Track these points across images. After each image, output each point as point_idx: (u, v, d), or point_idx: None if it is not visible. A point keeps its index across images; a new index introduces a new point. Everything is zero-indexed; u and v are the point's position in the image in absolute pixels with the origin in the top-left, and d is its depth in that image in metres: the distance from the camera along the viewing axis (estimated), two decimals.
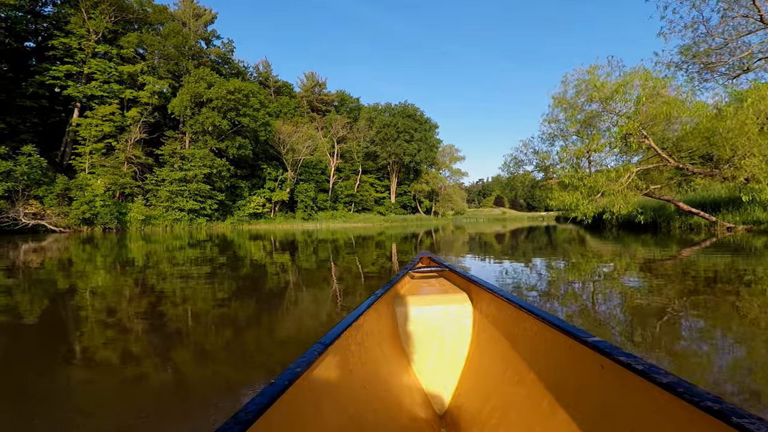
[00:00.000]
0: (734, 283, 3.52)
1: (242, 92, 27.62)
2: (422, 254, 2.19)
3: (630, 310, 2.66)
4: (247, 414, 0.52)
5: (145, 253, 8.16)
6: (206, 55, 32.81)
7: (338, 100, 50.79)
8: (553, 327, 0.86)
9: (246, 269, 5.29)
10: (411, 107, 44.76)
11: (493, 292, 1.22)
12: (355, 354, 0.98)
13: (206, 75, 26.99)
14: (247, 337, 2.24)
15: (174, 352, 2.03)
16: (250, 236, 15.19)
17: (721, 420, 0.47)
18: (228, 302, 3.17)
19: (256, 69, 43.19)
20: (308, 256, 6.96)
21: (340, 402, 0.82)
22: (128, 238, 14.20)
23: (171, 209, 25.90)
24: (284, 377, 0.64)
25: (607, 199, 10.45)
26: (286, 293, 3.51)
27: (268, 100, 33.11)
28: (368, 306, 1.14)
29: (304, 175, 36.16)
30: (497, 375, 1.11)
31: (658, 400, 0.57)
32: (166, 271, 5.09)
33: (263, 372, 1.74)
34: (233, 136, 28.68)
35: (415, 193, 48.21)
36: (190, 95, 26.35)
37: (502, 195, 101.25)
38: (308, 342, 2.11)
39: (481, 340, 1.31)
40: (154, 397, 1.52)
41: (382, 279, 4.18)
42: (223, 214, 29.51)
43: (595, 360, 0.71)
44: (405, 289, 1.66)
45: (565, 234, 13.49)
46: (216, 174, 27.18)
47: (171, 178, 25.93)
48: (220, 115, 27.10)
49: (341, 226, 29.65)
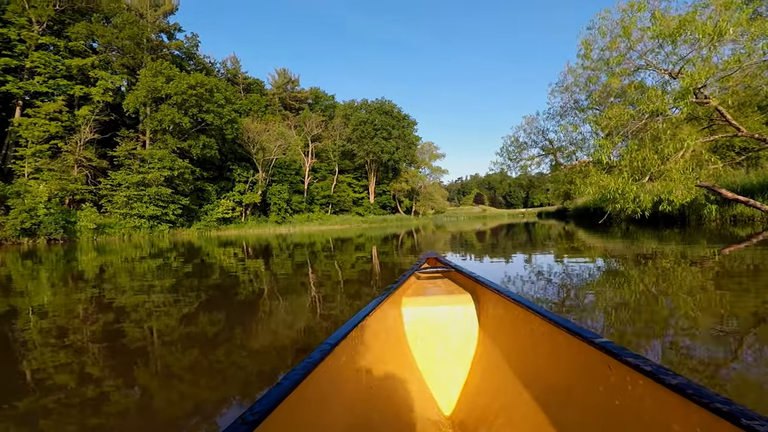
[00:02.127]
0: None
1: (205, 87, 26.69)
2: (428, 255, 2.24)
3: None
4: (254, 414, 0.54)
5: (98, 265, 7.73)
6: (167, 48, 31.62)
7: (312, 98, 50.28)
8: (560, 328, 0.88)
9: (215, 279, 5.11)
10: (388, 104, 44.93)
11: (500, 293, 1.25)
12: (361, 354, 1.00)
13: (164, 68, 25.95)
14: (217, 353, 2.14)
15: (134, 374, 1.91)
16: (219, 243, 14.73)
17: (731, 422, 0.47)
18: (195, 316, 3.03)
19: (223, 65, 42.09)
20: (283, 261, 6.81)
21: (346, 402, 0.84)
22: (78, 250, 13.42)
23: (129, 216, 24.73)
24: (291, 377, 0.65)
25: (659, 184, 8.26)
26: (260, 303, 3.40)
27: (235, 97, 32.33)
28: (374, 306, 1.15)
29: (276, 177, 35.50)
30: (504, 375, 1.14)
31: (667, 401, 0.57)
32: (124, 284, 4.83)
33: (235, 388, 1.66)
34: (196, 135, 27.73)
35: (394, 193, 48.39)
36: (146, 90, 25.25)
37: (482, 193, 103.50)
38: (284, 353, 2.04)
39: (487, 341, 1.35)
40: (112, 425, 1.41)
41: (363, 284, 4.13)
42: (188, 220, 28.49)
43: (603, 361, 0.72)
44: (411, 289, 1.69)
45: (555, 231, 13.60)
46: (178, 176, 26.19)
47: (128, 182, 24.75)
48: (181, 112, 26.11)
49: (317, 228, 29.32)
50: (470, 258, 6.30)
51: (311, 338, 2.31)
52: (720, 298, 2.74)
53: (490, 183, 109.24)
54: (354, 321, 1.00)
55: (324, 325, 2.56)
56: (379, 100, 45.38)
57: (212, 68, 38.40)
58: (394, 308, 1.42)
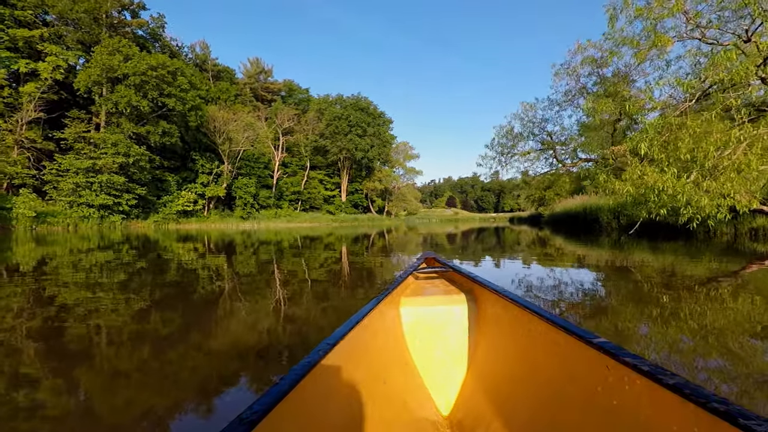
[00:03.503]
0: None
1: (167, 69, 25.43)
2: (426, 254, 2.27)
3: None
4: (252, 414, 0.54)
5: (37, 257, 7.17)
6: (129, 27, 29.85)
7: (286, 90, 49.29)
8: (558, 327, 0.89)
9: (172, 275, 4.87)
10: (364, 100, 44.86)
11: (498, 293, 1.27)
12: (359, 354, 1.02)
13: (123, 46, 24.48)
14: (171, 354, 2.04)
15: (75, 376, 1.78)
16: (178, 237, 14.08)
17: (728, 422, 0.48)
18: (147, 315, 2.88)
19: (191, 50, 40.34)
20: (247, 259, 6.61)
21: (344, 402, 0.86)
22: (13, 240, 12.38)
23: (76, 205, 23.12)
24: (289, 377, 0.66)
25: (718, 183, 6.61)
26: (220, 303, 3.28)
27: (202, 83, 31.01)
28: (373, 306, 1.17)
29: (244, 169, 34.47)
30: (502, 375, 1.16)
31: (664, 401, 0.59)
32: (67, 279, 4.50)
33: (190, 391, 1.59)
34: (156, 121, 26.38)
35: (367, 192, 48.35)
36: (101, 69, 23.70)
37: (454, 196, 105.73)
38: (245, 355, 1.98)
39: (486, 341, 1.37)
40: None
41: (332, 285, 4.10)
42: (144, 211, 27.06)
43: (601, 361, 0.74)
44: (409, 289, 1.70)
45: (528, 238, 13.65)
46: (134, 164, 24.80)
47: (76, 168, 23.14)
48: (140, 94, 24.75)
49: (285, 226, 28.75)
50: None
51: (273, 339, 2.26)
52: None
53: (463, 187, 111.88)
54: (352, 321, 1.01)
55: (288, 328, 2.51)
56: (355, 96, 45.25)
57: (179, 52, 36.75)
58: (393, 308, 1.44)
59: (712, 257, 5.79)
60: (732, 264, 5.00)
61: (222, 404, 1.49)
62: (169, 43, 35.27)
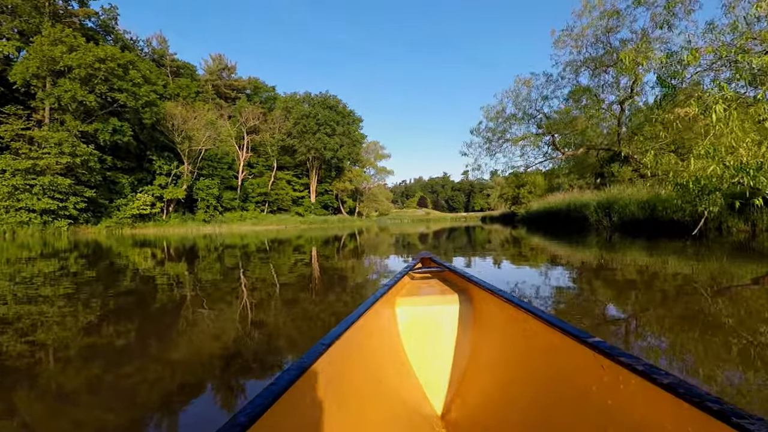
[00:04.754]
0: None
1: (118, 62, 23.98)
2: (422, 254, 2.29)
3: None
4: (247, 416, 0.54)
5: None
6: (76, 16, 27.90)
7: (251, 88, 47.96)
8: (553, 327, 0.90)
9: (126, 284, 4.60)
10: (333, 98, 44.49)
11: (494, 293, 1.28)
12: (355, 355, 1.02)
13: (66, 36, 22.87)
14: (126, 369, 1.92)
15: (17, 399, 1.63)
16: (133, 243, 13.33)
17: (722, 420, 0.49)
18: (98, 328, 2.70)
19: (148, 44, 38.29)
20: (211, 265, 6.36)
21: (340, 402, 0.86)
22: None
23: (13, 210, 21.34)
24: (284, 378, 0.66)
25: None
26: (181, 313, 3.14)
27: (158, 78, 29.54)
28: (368, 306, 1.18)
29: (206, 170, 33.19)
30: (498, 375, 1.18)
31: (659, 400, 0.60)
32: (3, 291, 4.14)
33: (147, 409, 1.51)
34: (106, 118, 24.84)
35: (337, 193, 47.98)
36: (40, 60, 22.02)
37: (425, 196, 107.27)
38: (210, 368, 1.90)
39: (481, 341, 1.38)
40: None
41: (303, 290, 4.02)
42: (95, 216, 25.43)
43: (596, 360, 0.75)
44: (405, 289, 1.72)
45: (501, 237, 13.77)
46: (82, 165, 23.24)
47: (14, 169, 21.36)
48: (86, 88, 23.21)
49: (251, 229, 27.97)
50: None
51: (242, 348, 2.18)
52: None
53: (433, 187, 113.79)
54: (348, 321, 1.01)
55: (256, 336, 2.43)
56: (323, 93, 44.79)
57: (134, 46, 34.81)
58: (388, 308, 1.45)
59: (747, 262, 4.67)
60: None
61: (184, 423, 1.42)
62: (123, 36, 33.34)
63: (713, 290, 3.22)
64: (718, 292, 3.14)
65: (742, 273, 4.02)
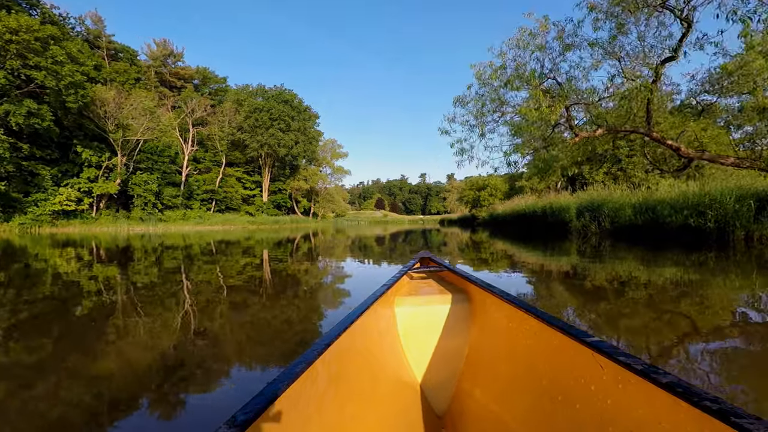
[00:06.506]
0: None
1: (35, 34, 21.47)
2: (422, 254, 2.30)
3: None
4: (246, 414, 0.55)
5: None
6: None
7: (199, 78, 45.47)
8: (552, 327, 0.92)
9: (43, 290, 4.13)
10: (288, 92, 43.41)
11: (493, 292, 1.30)
12: (354, 354, 1.03)
13: None
14: (37, 390, 1.71)
15: None
16: (53, 243, 12.05)
17: (720, 420, 0.51)
18: (3, 341, 2.39)
19: (80, 21, 34.68)
20: (147, 268, 5.90)
21: (339, 402, 0.86)
22: None
23: None
24: (283, 377, 0.67)
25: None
26: (111, 321, 2.87)
27: (88, 59, 26.99)
28: (367, 306, 1.17)
29: (145, 163, 30.85)
30: (496, 374, 1.19)
31: (658, 400, 0.61)
32: None
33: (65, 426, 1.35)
34: (19, 99, 22.19)
35: (291, 192, 46.84)
36: None
37: (383, 198, 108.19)
38: (146, 381, 1.74)
39: (480, 340, 1.40)
40: None
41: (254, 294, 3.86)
42: (6, 212, 22.68)
43: (595, 360, 0.76)
44: (404, 289, 1.73)
45: (460, 240, 14.11)
46: None
47: None
48: None
49: (193, 229, 26.46)
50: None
51: (185, 358, 2.03)
52: None
53: (391, 189, 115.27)
54: (347, 321, 1.01)
55: (199, 344, 2.28)
56: (278, 87, 43.55)
57: (64, 24, 31.46)
58: (387, 308, 1.45)
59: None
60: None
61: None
62: (50, 11, 30.06)
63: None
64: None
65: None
